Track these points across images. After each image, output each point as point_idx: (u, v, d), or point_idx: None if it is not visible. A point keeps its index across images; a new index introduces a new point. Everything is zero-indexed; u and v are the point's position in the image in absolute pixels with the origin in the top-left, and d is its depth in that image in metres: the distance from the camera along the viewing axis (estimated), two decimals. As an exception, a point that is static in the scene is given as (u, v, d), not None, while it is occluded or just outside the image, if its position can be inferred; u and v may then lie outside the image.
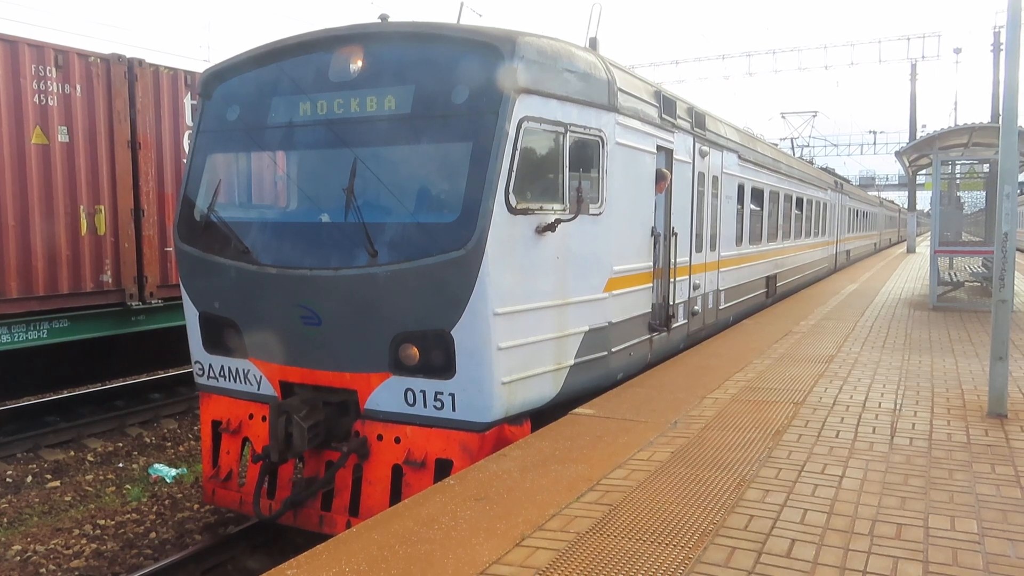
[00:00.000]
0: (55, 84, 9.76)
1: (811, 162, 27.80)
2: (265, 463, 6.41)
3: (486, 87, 5.92)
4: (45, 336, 9.92)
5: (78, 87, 10.03)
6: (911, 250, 39.42)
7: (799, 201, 17.75)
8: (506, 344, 5.89)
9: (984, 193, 19.42)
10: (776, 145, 19.02)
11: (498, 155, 5.74)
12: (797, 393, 7.51)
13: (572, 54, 6.72)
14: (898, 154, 19.31)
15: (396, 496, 5.98)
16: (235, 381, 6.85)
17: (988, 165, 16.55)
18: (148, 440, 10.76)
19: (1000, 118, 6.80)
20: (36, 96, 9.57)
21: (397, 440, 6.10)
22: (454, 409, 5.89)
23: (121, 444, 10.51)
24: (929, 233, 17.67)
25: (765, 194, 14.12)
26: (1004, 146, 6.70)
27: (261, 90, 6.79)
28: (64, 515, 8.12)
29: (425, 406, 5.98)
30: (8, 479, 9.14)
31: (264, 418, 6.59)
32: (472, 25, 6.58)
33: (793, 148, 34.71)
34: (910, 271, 25.50)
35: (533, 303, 6.18)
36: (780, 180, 15.41)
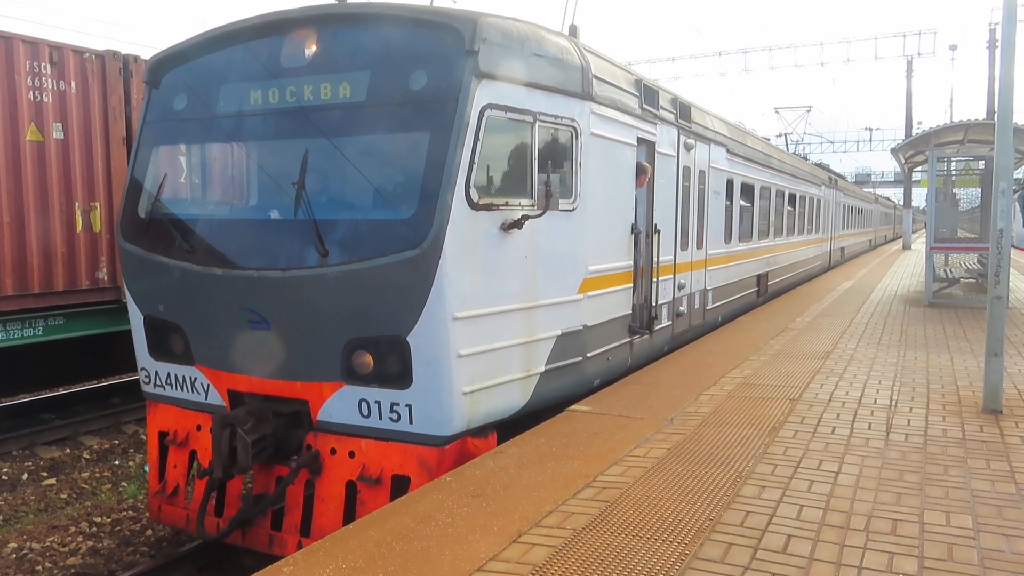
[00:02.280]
0: (50, 81, 9.73)
1: (805, 158, 27.75)
2: (211, 479, 6.03)
3: (445, 72, 5.51)
4: (41, 334, 9.90)
5: (73, 84, 9.99)
6: (907, 247, 39.49)
7: (792, 197, 17.43)
8: (467, 351, 5.50)
9: (980, 190, 19.45)
10: (768, 140, 18.80)
11: (457, 146, 5.35)
12: (793, 389, 7.52)
13: (541, 37, 6.31)
14: (894, 151, 19.36)
15: (350, 515, 5.59)
16: (182, 389, 6.45)
17: (984, 162, 16.58)
18: (144, 437, 10.74)
19: (996, 115, 6.81)
20: (31, 93, 9.53)
21: (351, 454, 5.69)
22: (411, 421, 5.49)
23: (117, 441, 10.49)
24: (925, 230, 17.69)
25: (756, 190, 13.76)
26: (1000, 142, 6.71)
27: (210, 77, 6.37)
28: (60, 512, 8.10)
29: (380, 418, 5.57)
30: (4, 477, 9.12)
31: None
32: (431, 6, 6.15)
33: (787, 144, 34.71)
34: (906, 268, 25.55)
35: (498, 306, 5.79)
36: (772, 175, 15.09)
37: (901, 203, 54.46)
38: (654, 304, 8.62)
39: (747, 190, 13.22)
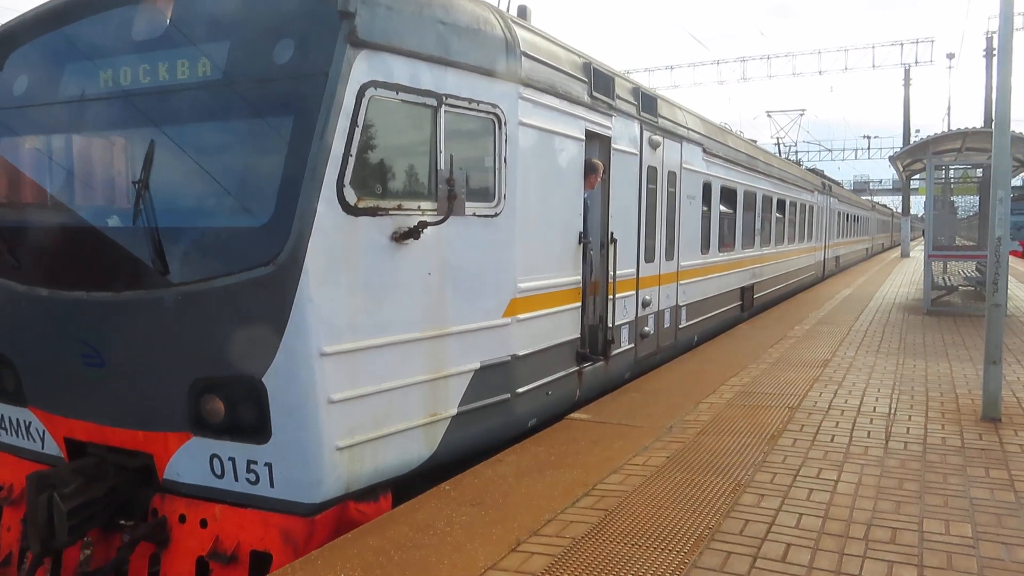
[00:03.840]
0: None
1: (798, 163, 27.52)
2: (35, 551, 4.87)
3: (313, 41, 4.46)
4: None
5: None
6: (905, 255, 39.57)
7: (781, 203, 16.36)
8: (342, 395, 4.49)
9: (977, 198, 19.53)
10: (755, 142, 18.09)
11: (325, 133, 4.30)
12: (792, 398, 7.51)
13: (449, 2, 5.22)
14: (892, 159, 19.44)
15: None
16: (16, 435, 5.42)
17: (981, 170, 16.64)
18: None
19: (993, 122, 6.84)
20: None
21: (203, 523, 4.64)
22: (272, 484, 4.46)
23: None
24: (923, 238, 17.71)
25: (738, 194, 12.67)
26: (997, 149, 6.73)
27: (55, 56, 5.36)
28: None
29: (236, 479, 4.53)
30: (1, 485, 9.09)
31: None
32: None
33: (780, 149, 34.50)
34: (904, 276, 25.58)
35: (389, 336, 4.76)
36: (757, 179, 14.02)
37: (899, 211, 54.55)
38: (610, 325, 7.55)
39: (728, 195, 12.10)
